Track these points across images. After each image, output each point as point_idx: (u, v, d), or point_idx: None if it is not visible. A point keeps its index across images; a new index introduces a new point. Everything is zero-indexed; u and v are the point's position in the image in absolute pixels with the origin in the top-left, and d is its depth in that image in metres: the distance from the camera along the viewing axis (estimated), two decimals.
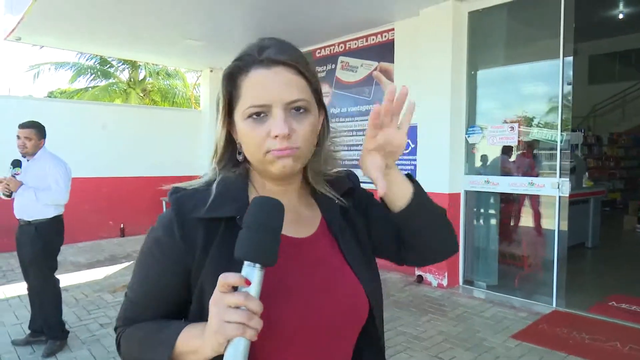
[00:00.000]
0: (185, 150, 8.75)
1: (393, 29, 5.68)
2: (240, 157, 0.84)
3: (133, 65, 15.23)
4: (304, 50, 5.77)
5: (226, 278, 0.64)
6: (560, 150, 4.33)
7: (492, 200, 5.07)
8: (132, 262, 6.24)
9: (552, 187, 4.36)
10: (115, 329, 0.86)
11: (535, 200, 4.80)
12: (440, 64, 4.97)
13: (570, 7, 4.23)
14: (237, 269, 0.66)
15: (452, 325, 3.98)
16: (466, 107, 5.01)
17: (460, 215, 5.06)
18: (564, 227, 4.38)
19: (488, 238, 5.15)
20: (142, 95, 15.66)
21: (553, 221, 4.41)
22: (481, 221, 5.17)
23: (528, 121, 4.74)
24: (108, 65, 15.40)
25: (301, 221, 0.86)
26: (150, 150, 8.25)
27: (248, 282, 0.64)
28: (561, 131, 4.33)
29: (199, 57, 7.84)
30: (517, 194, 4.81)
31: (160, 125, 8.50)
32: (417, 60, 5.22)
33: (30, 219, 3.39)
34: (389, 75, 5.82)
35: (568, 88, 4.31)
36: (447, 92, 4.91)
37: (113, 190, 7.70)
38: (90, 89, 15.20)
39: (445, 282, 5.01)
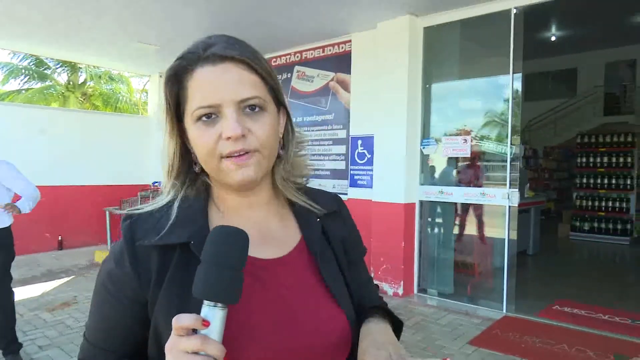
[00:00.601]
0: (132, 158, 8.35)
1: (350, 41, 5.75)
2: (197, 168, 0.75)
3: (72, 68, 14.44)
4: None
5: (180, 320, 0.56)
6: (510, 162, 4.54)
7: (446, 210, 5.22)
8: (72, 277, 5.83)
9: (502, 198, 4.55)
10: None
11: (485, 210, 5.00)
12: (397, 77, 5.08)
13: (520, 27, 4.47)
14: (195, 303, 0.59)
15: (411, 333, 4.03)
16: (421, 119, 5.15)
17: (415, 224, 5.17)
18: (514, 235, 4.58)
19: (442, 247, 5.28)
20: (82, 99, 14.87)
21: (503, 230, 4.60)
22: (435, 230, 5.30)
23: (480, 134, 4.94)
24: (44, 67, 14.51)
25: (271, 239, 0.77)
26: (94, 158, 7.80)
27: (206, 324, 0.56)
28: (511, 144, 4.54)
29: (149, 62, 7.55)
30: (469, 204, 4.98)
31: (105, 131, 8.07)
32: (374, 72, 5.31)
33: None
34: (345, 86, 5.88)
35: (518, 103, 4.53)
36: (404, 104, 5.02)
37: (51, 200, 7.16)
38: (24, 91, 14.24)
39: (400, 291, 5.07)
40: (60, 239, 7.35)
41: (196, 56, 0.71)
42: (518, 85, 4.55)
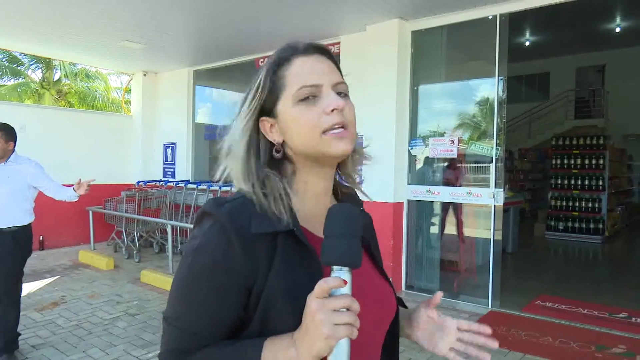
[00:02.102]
0: (114, 157, 8.25)
1: (339, 43, 5.84)
2: (279, 155, 0.82)
3: (47, 65, 14.09)
4: (247, 58, 5.75)
5: (327, 282, 0.64)
6: (496, 162, 4.71)
7: (433, 209, 5.37)
8: (57, 277, 5.73)
9: (488, 197, 4.72)
10: None
11: (471, 209, 5.16)
12: (386, 79, 5.20)
13: (505, 31, 4.65)
14: (303, 284, 0.68)
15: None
16: (409, 120, 5.28)
17: (403, 223, 5.29)
18: (499, 234, 4.75)
19: (429, 245, 5.43)
20: (57, 97, 14.52)
21: (488, 228, 4.77)
22: (422, 229, 5.44)
23: (466, 135, 5.10)
24: (17, 63, 14.11)
25: None
26: (75, 156, 7.66)
27: (346, 282, 0.65)
28: (496, 145, 4.71)
29: (133, 60, 7.47)
30: (456, 203, 5.14)
31: (87, 130, 7.95)
32: (363, 73, 5.41)
33: (4, 227, 3.23)
34: None
35: (503, 105, 4.71)
36: (392, 106, 5.14)
37: None
38: None
39: None
40: (41, 239, 7.20)
41: (292, 50, 0.81)
42: (502, 88, 4.72)
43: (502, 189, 4.68)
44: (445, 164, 5.29)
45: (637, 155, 14.14)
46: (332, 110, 0.76)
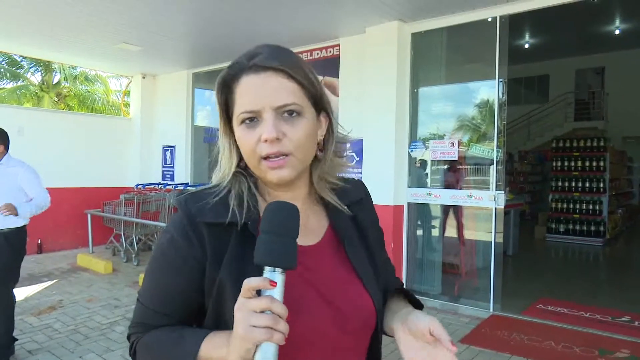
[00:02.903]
0: (113, 160, 8.22)
1: (338, 45, 5.82)
2: (242, 164, 0.85)
3: (46, 68, 14.07)
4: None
5: (250, 282, 0.65)
6: (497, 165, 4.68)
7: (433, 212, 5.33)
8: (55, 280, 5.70)
9: (489, 200, 4.69)
10: (129, 337, 0.85)
11: (472, 212, 5.13)
12: (385, 81, 5.17)
13: (505, 33, 4.63)
14: (253, 275, 0.67)
15: None
16: (409, 122, 5.25)
17: (403, 226, 5.26)
18: (500, 236, 4.72)
19: (429, 248, 5.39)
20: (56, 99, 14.49)
21: (489, 231, 4.74)
22: (423, 232, 5.41)
23: (467, 137, 5.07)
24: (17, 66, 14.10)
25: (307, 229, 0.85)
26: (74, 159, 7.64)
27: (274, 284, 0.65)
28: (497, 147, 4.69)
29: (131, 63, 7.44)
30: (456, 205, 5.11)
31: (86, 133, 7.91)
32: (363, 76, 5.39)
33: None
34: (333, 89, 5.94)
35: (503, 107, 4.69)
36: (392, 108, 5.11)
37: None
38: None
39: None
40: (39, 242, 7.16)
41: (241, 66, 0.79)
42: (503, 90, 4.70)
43: (503, 192, 4.64)
44: (446, 166, 5.26)
45: (637, 157, 14.14)
46: (265, 140, 0.76)
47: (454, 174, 5.21)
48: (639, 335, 4.00)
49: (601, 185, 9.16)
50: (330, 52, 6.00)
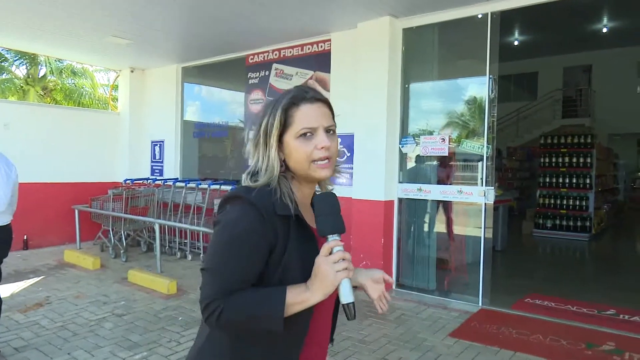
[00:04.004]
0: (101, 155, 8.12)
1: (330, 40, 5.80)
2: (282, 169, 1.14)
3: (32, 61, 13.83)
4: (237, 55, 5.71)
5: (328, 244, 1.02)
6: (486, 161, 4.71)
7: (424, 208, 5.35)
8: (41, 277, 5.61)
9: (479, 195, 4.72)
10: (208, 304, 1.03)
11: (462, 207, 5.16)
12: (377, 76, 5.17)
13: (496, 29, 4.65)
14: (309, 251, 1.07)
15: (393, 327, 4.12)
16: (400, 118, 5.26)
17: (394, 221, 5.28)
18: (489, 232, 4.75)
19: (420, 243, 5.41)
20: (42, 93, 14.26)
21: (479, 227, 4.77)
22: (413, 227, 5.42)
23: (457, 133, 5.09)
24: (1, 59, 13.83)
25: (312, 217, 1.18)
26: (61, 154, 7.53)
27: (342, 242, 1.04)
28: (487, 143, 4.71)
29: (120, 56, 7.34)
30: (446, 201, 5.13)
31: (73, 127, 7.79)
32: (354, 71, 5.38)
33: None
34: (324, 84, 5.93)
35: (493, 104, 4.71)
36: (383, 104, 5.11)
37: None
38: None
39: None
40: (25, 238, 7.06)
41: (302, 96, 1.13)
42: (494, 87, 4.72)
43: (492, 187, 4.68)
44: (436, 162, 5.28)
45: (623, 154, 14.36)
46: (322, 148, 1.10)
47: (444, 169, 5.23)
48: (624, 328, 4.07)
49: (588, 181, 9.28)
50: (321, 47, 5.98)
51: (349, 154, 5.52)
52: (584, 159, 9.38)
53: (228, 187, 6.37)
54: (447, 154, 4.99)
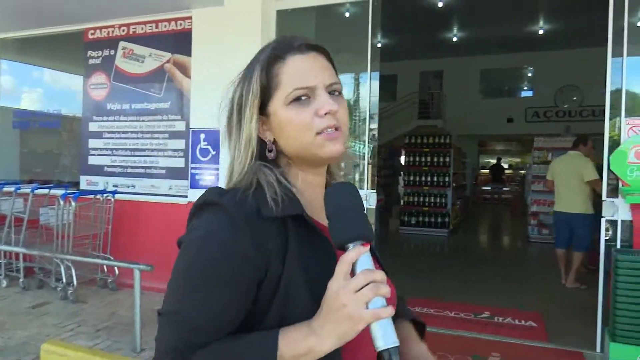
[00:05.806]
0: None
1: (190, 17, 4.91)
2: (272, 155, 0.81)
3: None
4: (73, 28, 4.47)
5: (346, 257, 0.65)
6: (368, 162, 4.35)
7: None
8: None
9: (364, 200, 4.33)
10: None
11: None
12: (246, 62, 4.45)
13: (377, 22, 4.30)
14: (319, 262, 0.71)
15: None
16: None
17: None
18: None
19: None
20: None
21: None
22: None
23: None
24: None
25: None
26: None
27: (366, 245, 0.66)
28: (368, 143, 4.35)
29: None
30: None
31: None
32: (220, 55, 4.57)
33: None
34: (184, 70, 5.05)
35: (375, 101, 4.38)
36: None
37: None
38: None
39: None
40: None
41: (287, 46, 0.80)
42: (375, 84, 4.39)
43: (374, 191, 4.34)
44: None
45: (469, 153, 15.92)
46: (326, 114, 0.76)
47: None
48: (502, 333, 4.04)
49: (447, 179, 9.82)
50: (180, 25, 5.06)
51: (214, 153, 4.74)
52: (443, 158, 9.91)
53: (59, 192, 5.06)
54: None
